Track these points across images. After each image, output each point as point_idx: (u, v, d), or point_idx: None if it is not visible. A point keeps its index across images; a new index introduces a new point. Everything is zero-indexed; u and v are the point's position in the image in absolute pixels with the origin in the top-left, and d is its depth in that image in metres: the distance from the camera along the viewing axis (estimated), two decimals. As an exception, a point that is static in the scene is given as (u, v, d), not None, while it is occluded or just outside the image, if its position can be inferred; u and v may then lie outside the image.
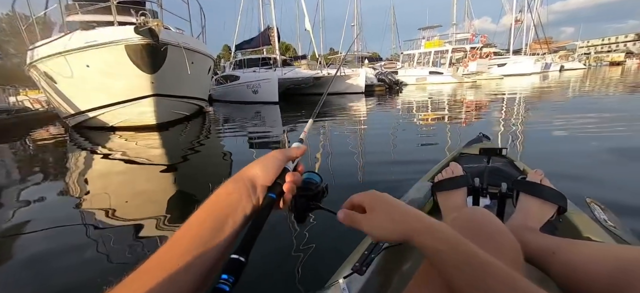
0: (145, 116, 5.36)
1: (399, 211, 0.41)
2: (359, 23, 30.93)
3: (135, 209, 2.07)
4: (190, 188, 2.52)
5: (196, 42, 6.39)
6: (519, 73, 22.37)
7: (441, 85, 15.74)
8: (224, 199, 0.37)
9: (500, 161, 1.15)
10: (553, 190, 0.72)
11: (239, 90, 10.93)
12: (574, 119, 4.31)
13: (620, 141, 2.98)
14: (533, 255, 0.52)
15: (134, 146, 4.32)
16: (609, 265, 0.41)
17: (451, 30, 24.39)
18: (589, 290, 0.42)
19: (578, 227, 0.74)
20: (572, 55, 37.15)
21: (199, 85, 6.89)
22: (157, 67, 4.84)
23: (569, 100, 7.06)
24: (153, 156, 3.68)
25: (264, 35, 12.78)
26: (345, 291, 0.54)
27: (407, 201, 0.89)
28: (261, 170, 0.40)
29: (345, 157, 2.99)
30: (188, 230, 0.34)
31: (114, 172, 3.13)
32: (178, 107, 6.07)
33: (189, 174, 2.97)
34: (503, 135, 3.60)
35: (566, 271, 0.47)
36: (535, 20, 26.36)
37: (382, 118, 6.24)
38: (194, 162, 3.42)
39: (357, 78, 11.94)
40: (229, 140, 4.64)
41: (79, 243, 1.63)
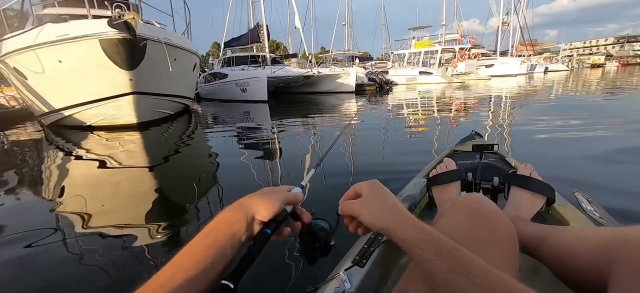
0: (125, 115, 5.08)
1: (390, 201, 0.43)
2: (350, 22, 31.01)
3: (112, 214, 1.94)
4: (171, 191, 2.38)
5: (179, 38, 6.09)
6: (506, 74, 22.87)
7: (431, 85, 15.88)
8: (227, 228, 0.39)
9: (492, 157, 1.18)
10: (542, 183, 0.76)
11: (227, 88, 10.69)
12: (559, 118, 4.53)
13: (600, 138, 3.16)
14: (525, 243, 0.53)
15: (113, 146, 4.09)
16: (593, 245, 0.42)
17: (440, 31, 24.70)
18: (576, 270, 0.44)
19: (565, 218, 0.77)
20: (556, 57, 38.35)
21: (183, 83, 6.59)
22: (136, 63, 4.56)
23: (554, 100, 7.35)
24: (133, 157, 3.48)
25: (253, 33, 12.55)
26: (347, 283, 0.56)
27: (403, 196, 0.93)
28: (263, 207, 0.42)
29: (337, 158, 2.91)
30: (194, 254, 0.36)
31: (90, 174, 2.94)
32: (160, 105, 5.80)
33: (170, 176, 2.82)
34: (494, 133, 3.74)
35: (555, 254, 0.48)
36: (521, 22, 27.05)
37: (373, 117, 6.18)
38: (176, 163, 3.25)
39: (347, 77, 11.86)
40: (215, 140, 4.47)
41: (51, 250, 1.50)
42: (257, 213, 0.41)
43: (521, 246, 0.51)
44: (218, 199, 2.13)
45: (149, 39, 4.54)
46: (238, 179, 2.58)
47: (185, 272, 0.34)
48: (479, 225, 0.42)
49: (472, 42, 22.49)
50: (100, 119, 5.21)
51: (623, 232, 0.40)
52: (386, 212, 0.41)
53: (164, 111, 6.05)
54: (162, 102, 5.78)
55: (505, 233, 0.43)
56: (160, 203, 2.11)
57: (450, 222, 0.46)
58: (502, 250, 0.41)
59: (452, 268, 0.33)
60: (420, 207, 0.99)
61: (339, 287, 0.56)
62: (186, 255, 0.36)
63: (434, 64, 18.77)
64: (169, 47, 4.98)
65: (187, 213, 1.93)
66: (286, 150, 3.68)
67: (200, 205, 2.03)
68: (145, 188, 2.47)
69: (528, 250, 0.54)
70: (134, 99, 4.92)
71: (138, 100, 5.01)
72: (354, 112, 7.01)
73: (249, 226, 0.40)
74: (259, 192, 0.44)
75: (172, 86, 5.87)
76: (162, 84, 5.46)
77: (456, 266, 0.33)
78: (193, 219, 1.84)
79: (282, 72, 10.44)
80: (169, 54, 4.90)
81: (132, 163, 3.26)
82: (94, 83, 4.68)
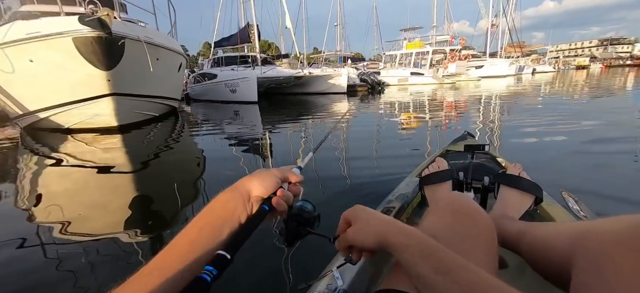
0: (104, 117, 4.83)
1: (376, 218, 0.45)
2: (342, 23, 31.01)
3: (89, 222, 1.83)
4: (152, 197, 2.25)
5: (162, 36, 5.83)
6: (495, 75, 23.21)
7: (422, 86, 15.95)
8: (221, 207, 0.39)
9: (483, 157, 1.19)
10: (530, 182, 0.76)
11: (217, 89, 10.48)
12: (547, 119, 4.61)
13: (586, 139, 3.23)
14: (507, 239, 0.56)
15: (92, 151, 3.89)
16: (563, 239, 0.44)
17: (431, 33, 24.91)
18: (549, 262, 0.46)
19: (552, 216, 0.79)
20: (543, 59, 39.20)
21: (168, 84, 6.34)
22: (114, 63, 4.32)
23: (542, 101, 7.47)
24: (113, 162, 3.29)
25: (243, 33, 12.35)
26: (339, 280, 0.57)
27: (396, 195, 0.96)
28: (258, 183, 0.42)
29: (331, 162, 2.78)
30: (187, 235, 0.36)
31: (68, 180, 2.78)
32: (143, 107, 5.55)
33: (152, 181, 2.68)
34: (484, 133, 3.80)
35: (532, 248, 0.51)
36: (509, 24, 27.53)
37: (365, 117, 6.11)
38: (159, 167, 3.09)
39: (339, 78, 11.77)
40: (202, 143, 4.31)
41: (24, 260, 1.42)
42: (253, 191, 0.42)
43: (503, 242, 0.55)
44: (202, 203, 2.00)
45: (127, 38, 4.31)
46: (225, 182, 2.44)
47: (179, 253, 0.34)
48: (462, 222, 0.45)
49: (463, 43, 22.79)
50: (78, 122, 4.94)
51: (586, 225, 0.44)
52: (374, 229, 0.43)
53: (147, 113, 5.80)
54: (144, 104, 5.54)
55: (485, 229, 0.45)
56: (140, 209, 2.00)
57: (436, 219, 0.48)
58: (483, 245, 0.43)
59: (436, 269, 0.35)
60: (413, 205, 1.02)
61: (331, 284, 0.57)
62: (180, 237, 0.36)
63: (425, 65, 18.87)
64: (150, 46, 4.76)
65: (168, 219, 1.84)
66: (277, 152, 3.58)
67: (183, 210, 1.93)
68: (124, 193, 2.34)
69: (509, 245, 0.56)
70: (113, 100, 4.68)
71: (118, 102, 4.77)
72: (347, 110, 6.93)
73: (246, 204, 0.40)
74: (254, 172, 0.44)
75: (155, 87, 5.64)
76: (144, 85, 5.22)
77: (440, 267, 0.35)
78: (174, 224, 1.74)
79: (273, 72, 10.28)
80: (150, 54, 4.68)
81: (114, 167, 3.08)
82: (69, 84, 4.42)
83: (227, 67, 10.87)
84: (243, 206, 0.40)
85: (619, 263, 0.33)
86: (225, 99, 10.15)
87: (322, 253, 0.78)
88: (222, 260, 0.33)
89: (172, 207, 2.01)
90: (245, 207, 0.40)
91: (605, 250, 0.35)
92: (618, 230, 0.36)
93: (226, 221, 0.38)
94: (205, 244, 0.36)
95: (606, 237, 0.36)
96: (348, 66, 19.40)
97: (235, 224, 0.39)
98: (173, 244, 0.35)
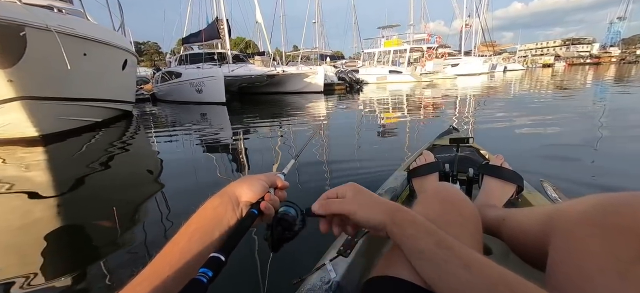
0: (18, 127, 3.95)
1: (376, 197, 0.45)
2: (320, 20, 30.48)
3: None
4: (80, 225, 1.78)
5: (93, 27, 4.82)
6: (470, 73, 23.80)
7: (401, 84, 15.84)
8: (211, 212, 0.39)
9: (467, 150, 1.23)
10: (511, 172, 0.80)
11: (182, 88, 9.58)
12: (523, 112, 4.88)
13: (557, 129, 3.54)
14: (489, 224, 0.58)
15: (3, 168, 3.08)
16: (538, 221, 0.45)
17: (409, 31, 25.00)
18: (527, 244, 0.48)
19: (533, 204, 0.81)
20: (513, 57, 41.01)
21: (108, 84, 5.40)
22: (13, 59, 3.48)
23: (517, 96, 7.90)
24: (31, 183, 2.56)
25: (211, 28, 11.43)
26: (332, 272, 0.58)
27: (385, 189, 0.97)
28: (247, 188, 0.43)
29: (311, 166, 2.58)
30: (178, 242, 0.36)
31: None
32: (74, 112, 4.66)
33: (81, 204, 2.11)
34: (466, 127, 3.96)
35: (511, 232, 0.53)
36: (482, 24, 28.36)
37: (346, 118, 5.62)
38: (95, 186, 2.46)
39: (315, 76, 11.20)
40: (159, 152, 3.66)
41: None
42: (242, 196, 0.42)
43: (487, 228, 0.56)
44: (153, 228, 1.65)
45: (29, 26, 3.43)
46: (183, 201, 1.99)
47: (171, 260, 0.34)
48: (448, 210, 0.46)
49: (439, 41, 23.02)
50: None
51: (556, 206, 0.45)
52: (379, 206, 0.43)
53: (84, 119, 4.91)
54: (75, 109, 4.65)
55: (470, 216, 0.46)
56: (66, 247, 1.59)
57: (424, 208, 0.49)
58: (468, 232, 0.44)
59: (438, 243, 0.36)
60: (402, 199, 1.03)
61: (324, 276, 0.58)
62: (171, 244, 0.36)
63: (403, 63, 18.80)
64: (69, 38, 3.90)
65: (105, 255, 1.45)
66: (247, 161, 3.06)
67: (124, 238, 1.58)
68: (44, 226, 1.76)
69: (492, 231, 0.58)
70: (24, 105, 3.81)
71: (33, 108, 3.89)
72: (322, 114, 6.40)
73: (235, 209, 0.41)
74: (242, 178, 0.45)
75: (87, 88, 4.74)
76: (70, 86, 4.33)
77: (441, 242, 0.36)
78: (114, 261, 1.37)
79: (243, 70, 9.53)
80: (69, 47, 3.81)
81: (31, 188, 2.40)
82: None
83: (192, 65, 9.97)
84: (233, 211, 0.40)
85: (585, 238, 0.35)
86: (191, 99, 9.30)
87: (308, 253, 0.73)
88: (217, 261, 0.33)
89: (109, 237, 1.58)
90: (234, 212, 0.41)
91: (572, 228, 0.37)
92: (583, 210, 0.37)
93: (216, 225, 0.38)
94: (197, 248, 0.36)
95: (573, 216, 0.38)
96: (327, 64, 18.91)
97: (225, 228, 0.39)
98: (164, 252, 0.35)
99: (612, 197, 0.36)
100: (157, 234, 1.61)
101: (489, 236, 0.57)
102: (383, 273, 0.41)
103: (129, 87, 6.77)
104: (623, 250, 0.31)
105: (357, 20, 35.37)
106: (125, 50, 5.69)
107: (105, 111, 5.47)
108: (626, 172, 2.12)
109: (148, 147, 4.07)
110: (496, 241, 0.57)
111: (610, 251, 0.32)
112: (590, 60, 48.64)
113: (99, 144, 4.13)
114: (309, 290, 0.55)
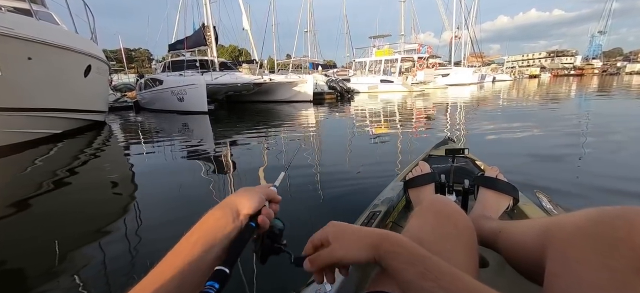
0: None
1: (363, 231, 0.44)
2: (312, 29, 30.49)
3: None
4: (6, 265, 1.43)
5: (44, 28, 4.22)
6: (461, 83, 24.00)
7: (392, 93, 15.71)
8: (213, 223, 0.40)
9: (463, 160, 1.24)
10: (507, 183, 0.80)
11: (164, 97, 9.11)
12: (516, 122, 4.99)
13: (549, 140, 3.58)
14: (485, 237, 0.57)
15: None
16: (535, 234, 0.45)
17: (400, 41, 25.15)
18: (523, 257, 0.47)
19: (528, 215, 0.83)
20: (501, 68, 41.90)
21: (67, 92, 4.83)
22: None
23: (508, 106, 8.00)
24: None
25: (198, 35, 11.04)
26: (327, 285, 0.56)
27: (381, 199, 1.00)
28: (247, 201, 0.43)
29: (301, 178, 2.46)
30: (180, 252, 0.36)
31: None
32: (22, 124, 4.14)
33: (14, 236, 1.73)
34: (464, 138, 4.01)
35: (507, 245, 0.52)
36: (472, 36, 28.90)
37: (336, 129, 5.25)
38: (34, 211, 2.05)
39: (304, 85, 10.88)
40: (123, 167, 3.26)
41: None
42: (242, 208, 0.42)
43: (482, 240, 0.56)
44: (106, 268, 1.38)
45: None
46: (151, 231, 1.69)
47: (171, 272, 0.34)
48: (443, 223, 0.46)
49: (430, 51, 23.18)
50: None
51: (552, 219, 0.45)
52: (364, 240, 0.42)
53: (37, 132, 4.38)
54: (23, 120, 4.13)
55: (465, 229, 0.46)
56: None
57: (420, 221, 0.49)
58: (463, 244, 0.45)
59: (423, 275, 0.35)
60: (398, 209, 1.03)
61: (319, 290, 0.58)
62: (171, 256, 0.36)
63: (394, 73, 18.73)
64: (6, 39, 3.42)
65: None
66: (233, 178, 2.74)
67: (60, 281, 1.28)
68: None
69: (488, 243, 0.58)
70: None
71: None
72: (310, 123, 6.04)
73: (235, 221, 0.41)
74: (241, 190, 0.46)
75: (36, 97, 4.21)
76: (11, 94, 3.84)
77: (427, 273, 0.35)
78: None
79: (228, 78, 9.12)
80: (4, 49, 3.36)
81: None
82: None
83: (174, 73, 9.51)
84: (233, 223, 0.41)
85: (581, 251, 0.35)
86: (173, 108, 8.83)
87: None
88: (222, 274, 0.33)
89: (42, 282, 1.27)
90: (234, 223, 0.41)
91: (568, 241, 0.38)
92: (578, 223, 0.38)
93: (218, 237, 0.39)
94: (200, 259, 0.36)
95: (569, 229, 0.39)
96: (318, 73, 18.68)
97: (227, 240, 0.39)
98: (165, 261, 0.36)
99: (607, 210, 0.36)
100: (109, 277, 1.28)
101: (485, 248, 0.57)
102: (377, 289, 0.42)
103: (98, 96, 6.18)
104: (618, 262, 0.32)
105: (349, 30, 35.60)
106: (89, 56, 5.15)
107: (65, 122, 4.93)
108: (609, 173, 2.32)
109: (113, 162, 3.64)
110: (492, 253, 0.57)
111: (606, 264, 0.33)
112: (574, 72, 50.17)
113: (58, 157, 3.69)
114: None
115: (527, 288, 0.41)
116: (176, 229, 0.37)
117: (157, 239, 1.58)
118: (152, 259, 0.48)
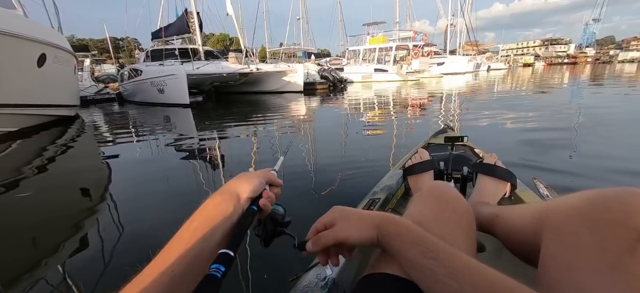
0: None
1: (365, 213, 0.45)
2: (305, 17, 29.56)
3: None
4: None
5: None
6: (456, 72, 23.66)
7: (387, 83, 15.27)
8: (213, 209, 0.40)
9: (462, 148, 1.25)
10: (504, 170, 0.81)
11: (144, 88, 8.54)
12: (513, 110, 4.98)
13: (544, 128, 3.61)
14: (483, 222, 0.59)
15: None
16: (533, 215, 0.45)
17: (394, 29, 24.52)
18: (519, 240, 0.49)
19: (525, 202, 0.83)
20: (496, 57, 41.65)
21: (13, 85, 4.23)
22: None
23: (503, 95, 7.89)
24: None
25: (181, 22, 10.36)
26: (327, 269, 0.58)
27: (381, 187, 1.00)
28: (247, 185, 0.43)
29: (296, 168, 2.45)
30: (181, 239, 0.36)
31: None
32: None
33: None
34: (462, 126, 3.98)
35: (504, 229, 0.54)
36: (467, 24, 28.43)
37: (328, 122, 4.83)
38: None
39: (294, 75, 10.35)
40: (89, 169, 2.83)
41: None
42: (242, 193, 0.42)
43: (480, 226, 0.58)
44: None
45: None
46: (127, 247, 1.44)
47: (174, 258, 0.34)
48: (443, 209, 0.46)
49: (425, 39, 22.64)
50: None
51: (548, 203, 0.46)
52: (367, 222, 0.43)
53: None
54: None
55: (464, 214, 0.47)
56: None
57: (420, 207, 0.49)
58: (462, 229, 0.45)
59: (424, 253, 0.36)
60: (397, 197, 1.04)
61: (320, 273, 0.58)
62: (172, 243, 0.36)
63: (389, 61, 18.23)
64: None
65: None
66: (215, 177, 2.44)
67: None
68: None
69: (485, 228, 0.59)
70: None
71: None
72: (300, 114, 5.60)
73: (237, 205, 0.41)
74: (240, 175, 0.45)
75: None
76: None
77: (428, 252, 0.36)
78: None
79: (212, 67, 8.55)
80: None
81: None
82: None
83: (154, 62, 8.90)
84: (234, 207, 0.41)
85: (576, 232, 0.36)
86: (154, 100, 8.29)
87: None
88: (227, 257, 0.33)
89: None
90: (235, 208, 0.41)
91: (563, 223, 0.38)
92: (573, 205, 0.38)
93: (219, 222, 0.39)
94: (201, 245, 0.36)
95: (564, 211, 0.39)
96: (311, 62, 18.05)
97: (228, 224, 0.39)
98: (169, 248, 0.35)
99: (602, 192, 0.36)
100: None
101: (482, 233, 0.58)
102: (378, 270, 0.42)
103: (60, 88, 5.51)
104: (613, 242, 0.32)
105: (343, 18, 34.68)
106: (43, 43, 4.52)
107: (16, 118, 4.38)
108: (602, 155, 2.45)
109: (82, 157, 3.27)
110: (490, 238, 0.58)
111: (601, 244, 0.33)
112: (568, 60, 50.21)
113: (14, 157, 3.23)
114: (305, 287, 0.56)
115: (523, 272, 0.42)
116: (155, 233, 0.48)
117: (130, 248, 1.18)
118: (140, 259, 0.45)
